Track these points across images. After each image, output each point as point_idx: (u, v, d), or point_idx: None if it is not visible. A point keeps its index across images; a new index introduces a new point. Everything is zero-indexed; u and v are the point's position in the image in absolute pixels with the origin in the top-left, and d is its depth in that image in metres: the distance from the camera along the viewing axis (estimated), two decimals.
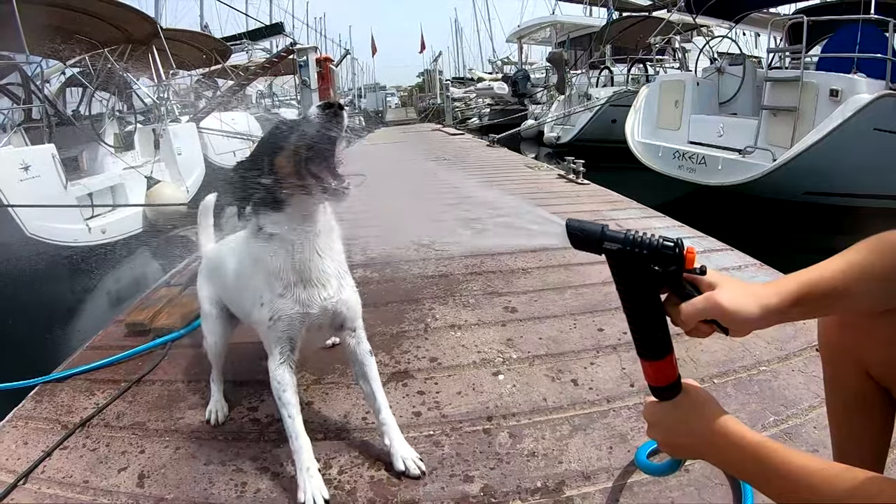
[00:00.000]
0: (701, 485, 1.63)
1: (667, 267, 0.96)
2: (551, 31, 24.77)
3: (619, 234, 0.97)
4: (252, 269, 1.78)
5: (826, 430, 1.34)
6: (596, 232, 0.98)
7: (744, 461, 0.93)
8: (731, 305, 0.92)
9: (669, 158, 9.14)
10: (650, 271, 0.97)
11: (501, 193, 1.26)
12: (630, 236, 0.97)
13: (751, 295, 0.94)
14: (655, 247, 0.95)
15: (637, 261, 0.97)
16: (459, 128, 21.61)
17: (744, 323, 0.93)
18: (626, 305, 1.03)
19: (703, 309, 0.94)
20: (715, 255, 3.74)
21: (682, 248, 0.96)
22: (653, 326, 1.02)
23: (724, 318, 0.93)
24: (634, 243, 0.96)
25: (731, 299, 0.92)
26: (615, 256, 0.98)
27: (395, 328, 2.79)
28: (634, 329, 1.05)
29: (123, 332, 2.93)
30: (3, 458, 1.96)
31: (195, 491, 1.74)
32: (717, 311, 0.93)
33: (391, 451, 1.79)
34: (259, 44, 23.43)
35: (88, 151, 9.02)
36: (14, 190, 6.41)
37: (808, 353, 2.34)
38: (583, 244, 1.00)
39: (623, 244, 0.97)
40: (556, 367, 2.34)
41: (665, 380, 1.05)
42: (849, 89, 6.88)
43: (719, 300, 0.93)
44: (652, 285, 0.99)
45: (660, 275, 0.97)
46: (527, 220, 1.11)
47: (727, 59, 10.06)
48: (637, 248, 0.96)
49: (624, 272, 1.00)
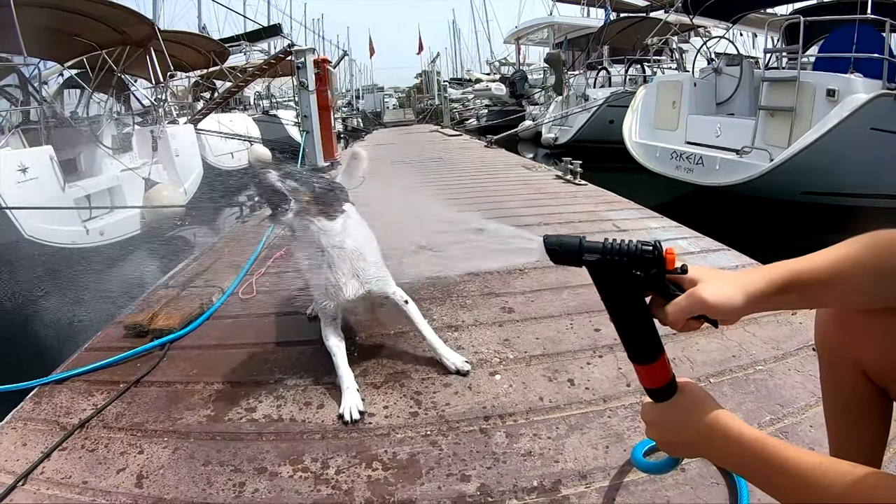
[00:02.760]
0: (697, 483, 1.63)
1: (648, 271, 0.96)
2: (549, 32, 24.82)
3: (596, 245, 0.97)
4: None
5: (822, 429, 1.35)
6: (574, 245, 0.98)
7: (742, 457, 0.93)
8: (714, 299, 0.92)
9: (667, 159, 9.16)
10: (632, 277, 0.97)
11: (477, 215, 1.26)
12: (608, 245, 0.97)
13: (735, 284, 0.94)
14: (634, 252, 0.95)
15: (618, 268, 0.96)
16: (457, 129, 21.57)
17: (730, 313, 0.93)
18: (613, 313, 1.03)
19: (688, 307, 0.94)
20: (712, 255, 3.75)
21: (660, 251, 0.96)
22: (641, 331, 1.03)
23: (710, 313, 0.93)
24: (613, 251, 0.96)
25: (714, 293, 0.92)
26: (596, 267, 0.98)
27: (392, 329, 2.79)
28: (623, 335, 1.05)
29: (122, 333, 2.93)
30: (2, 460, 1.96)
31: (193, 491, 1.74)
32: (701, 306, 0.93)
33: (442, 360, 2.38)
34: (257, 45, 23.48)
35: (86, 153, 9.04)
36: (12, 192, 6.43)
37: (805, 353, 2.34)
38: (562, 258, 1.00)
39: (602, 253, 0.97)
40: (553, 367, 2.35)
41: (659, 381, 1.06)
42: (845, 89, 6.90)
43: (702, 296, 0.92)
44: (635, 291, 0.99)
45: (642, 279, 0.97)
46: (503, 239, 1.11)
47: (724, 59, 10.09)
48: (616, 256, 0.96)
49: (606, 281, 0.99)
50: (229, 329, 2.93)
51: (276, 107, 22.09)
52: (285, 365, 2.48)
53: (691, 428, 1.01)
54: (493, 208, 5.60)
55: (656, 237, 4.10)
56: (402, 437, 1.94)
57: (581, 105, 15.97)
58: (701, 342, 2.43)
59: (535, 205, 5.70)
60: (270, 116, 19.83)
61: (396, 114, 40.19)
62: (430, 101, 31.72)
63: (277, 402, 2.19)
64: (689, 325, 0.98)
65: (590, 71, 17.74)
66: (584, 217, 5.00)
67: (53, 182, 7.23)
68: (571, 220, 4.88)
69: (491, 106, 27.13)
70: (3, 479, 1.84)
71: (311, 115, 7.59)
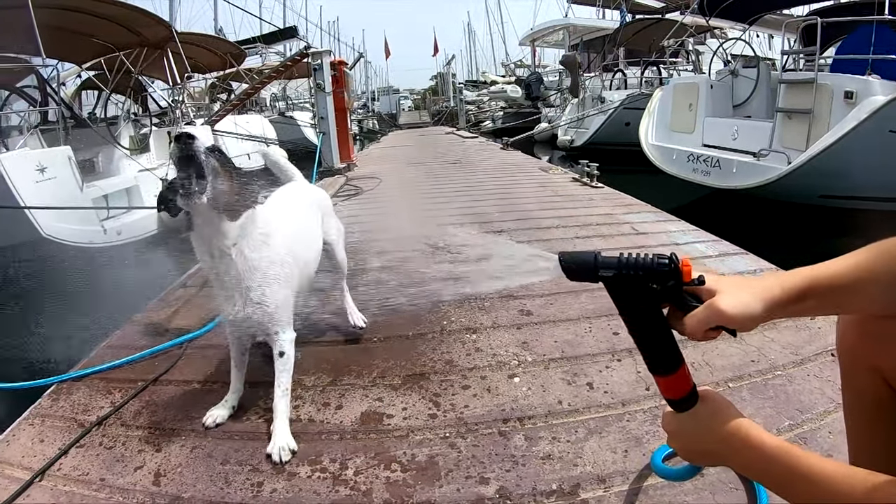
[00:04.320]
0: (716, 488, 1.62)
1: (665, 283, 0.96)
2: (564, 34, 24.71)
3: (612, 260, 0.97)
4: None
5: (840, 436, 1.34)
6: (589, 262, 0.98)
7: (764, 466, 0.93)
8: (732, 311, 0.91)
9: (684, 161, 9.11)
10: (649, 290, 0.97)
11: (489, 238, 1.25)
12: (624, 260, 0.96)
13: (752, 292, 0.93)
14: (651, 266, 0.95)
15: (634, 282, 0.96)
16: (473, 131, 21.58)
17: (748, 322, 0.93)
18: (631, 327, 1.03)
19: (706, 318, 0.94)
20: (730, 258, 3.72)
21: (677, 263, 0.96)
22: (660, 343, 1.03)
23: (729, 324, 0.93)
24: (629, 266, 0.96)
25: (733, 304, 0.92)
26: (612, 282, 0.98)
27: (411, 330, 2.79)
28: (642, 348, 1.05)
29: (140, 331, 2.95)
30: (20, 456, 1.98)
31: (211, 490, 1.75)
32: (719, 318, 0.92)
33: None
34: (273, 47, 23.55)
35: (104, 154, 9.10)
36: (30, 191, 6.48)
37: (824, 358, 2.32)
38: (578, 275, 1.00)
39: (618, 268, 0.96)
40: (572, 371, 2.34)
41: (680, 392, 1.06)
42: (863, 91, 6.83)
43: (721, 307, 0.92)
44: (652, 303, 0.99)
45: (659, 292, 0.97)
46: (518, 259, 1.10)
47: (741, 61, 10.00)
48: (633, 271, 0.96)
49: (623, 295, 0.99)
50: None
51: (292, 108, 22.18)
52: (303, 365, 2.48)
53: (713, 437, 1.01)
54: (511, 210, 5.61)
55: (674, 240, 4.12)
56: (420, 439, 1.93)
57: (597, 107, 15.89)
58: (720, 347, 2.41)
59: (553, 207, 5.69)
60: (286, 118, 19.89)
61: (412, 116, 40.23)
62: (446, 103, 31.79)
63: (295, 403, 2.19)
64: (708, 336, 0.97)
65: (605, 73, 17.64)
66: (601, 220, 4.98)
67: (71, 182, 7.28)
68: (589, 223, 4.87)
69: (506, 108, 27.16)
70: (21, 475, 1.86)
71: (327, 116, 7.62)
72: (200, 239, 1.87)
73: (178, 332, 2.85)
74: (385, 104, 41.53)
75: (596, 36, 21.92)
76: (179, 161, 1.74)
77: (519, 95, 25.59)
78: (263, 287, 1.97)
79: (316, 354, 2.61)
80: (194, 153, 1.71)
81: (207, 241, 1.86)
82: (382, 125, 30.27)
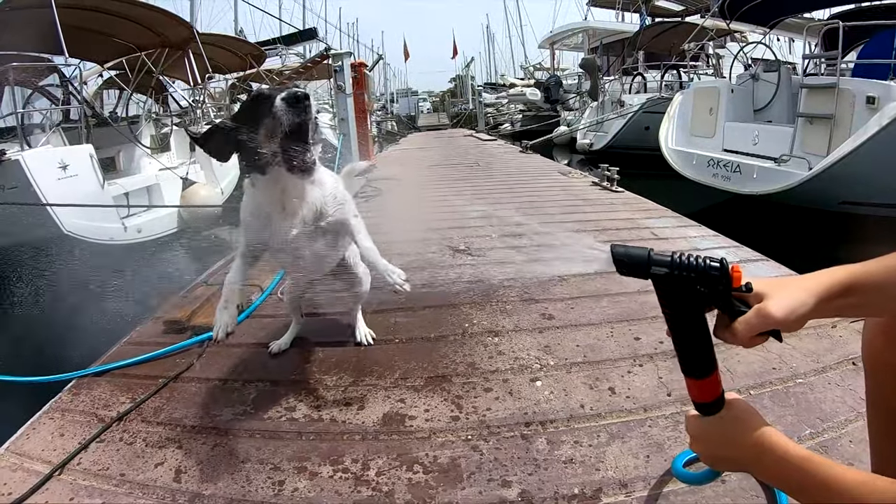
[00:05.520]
0: (736, 495, 1.61)
1: (714, 288, 0.96)
2: (583, 37, 24.67)
3: (665, 258, 0.97)
4: None
5: (861, 444, 1.33)
6: (643, 257, 0.98)
7: (788, 474, 0.93)
8: (784, 313, 0.91)
9: (704, 166, 9.04)
10: (696, 292, 0.97)
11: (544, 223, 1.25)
12: (676, 260, 0.97)
13: (801, 288, 0.94)
14: (702, 268, 0.95)
15: (684, 283, 0.97)
16: (492, 133, 21.57)
17: (798, 323, 0.93)
18: (673, 327, 1.03)
19: (758, 324, 0.94)
20: (751, 265, 3.69)
21: (727, 268, 0.96)
22: (699, 346, 1.03)
23: (780, 327, 0.93)
24: (682, 266, 0.96)
25: (783, 306, 0.92)
26: (662, 280, 0.98)
27: (433, 332, 2.79)
28: (680, 349, 1.05)
29: (161, 329, 2.97)
30: (40, 449, 2.00)
31: (232, 488, 1.76)
32: (771, 322, 0.93)
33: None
34: (293, 48, 23.64)
35: (125, 152, 9.20)
36: (52, 188, 6.55)
37: (845, 367, 2.29)
38: (629, 270, 1.00)
39: (670, 268, 0.97)
40: (594, 375, 2.33)
41: (710, 396, 1.06)
42: (886, 96, 6.72)
43: (771, 312, 0.92)
44: (698, 306, 1.00)
45: (706, 295, 0.97)
46: (573, 248, 1.10)
47: (762, 65, 9.93)
48: (685, 272, 0.96)
49: (670, 295, 1.00)
50: (268, 328, 2.95)
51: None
52: (325, 365, 2.50)
53: (737, 443, 1.01)
54: (533, 214, 5.61)
55: (694, 246, 4.10)
56: (443, 441, 1.93)
57: (616, 111, 15.81)
58: (741, 353, 2.39)
59: (574, 211, 5.66)
60: None
61: (430, 118, 40.34)
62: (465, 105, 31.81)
63: (317, 402, 2.20)
64: (755, 341, 0.97)
65: (625, 76, 17.53)
66: (622, 225, 4.95)
67: (93, 180, 7.36)
68: (609, 228, 4.84)
69: (525, 111, 27.13)
70: (40, 469, 1.88)
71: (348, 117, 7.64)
72: (275, 187, 2.04)
73: (198, 329, 2.86)
74: (404, 106, 41.66)
75: (615, 39, 21.85)
76: (295, 117, 1.87)
77: (538, 98, 25.55)
78: (342, 205, 2.21)
79: (337, 354, 2.61)
80: (309, 111, 1.89)
81: (282, 191, 2.05)
82: (401, 127, 30.32)
